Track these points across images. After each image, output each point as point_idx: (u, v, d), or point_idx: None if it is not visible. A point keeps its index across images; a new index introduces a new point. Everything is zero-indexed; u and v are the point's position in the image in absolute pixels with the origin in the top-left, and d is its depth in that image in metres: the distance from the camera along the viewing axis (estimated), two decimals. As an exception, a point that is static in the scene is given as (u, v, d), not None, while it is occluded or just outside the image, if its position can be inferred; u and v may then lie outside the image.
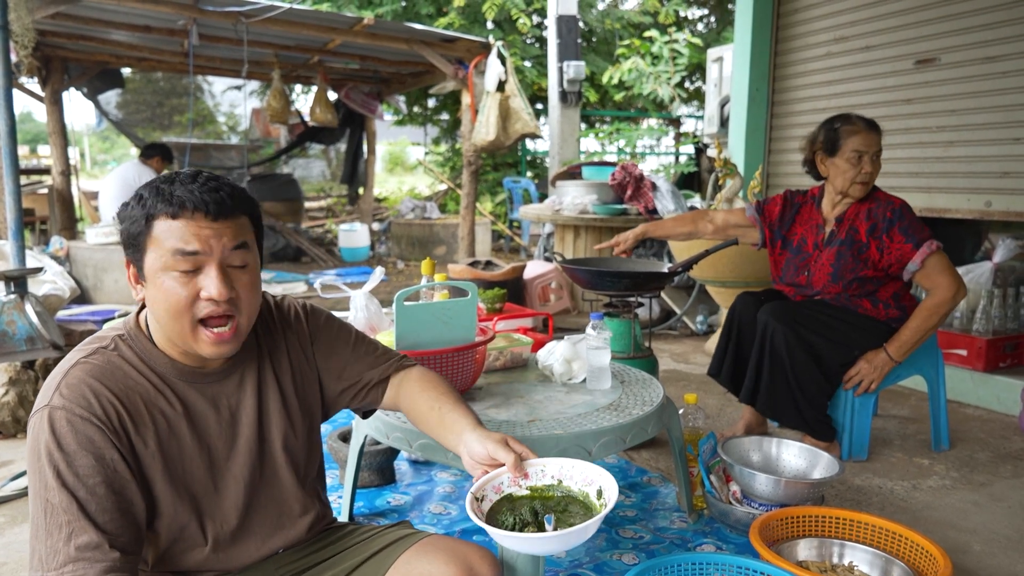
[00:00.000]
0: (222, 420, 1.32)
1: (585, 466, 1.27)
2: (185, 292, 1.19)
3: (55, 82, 7.40)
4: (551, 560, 2.07)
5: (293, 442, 1.41)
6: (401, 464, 2.78)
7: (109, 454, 1.17)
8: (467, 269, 4.97)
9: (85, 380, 1.19)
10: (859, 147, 2.71)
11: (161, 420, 1.25)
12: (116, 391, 1.21)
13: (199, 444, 1.29)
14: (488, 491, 1.28)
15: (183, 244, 1.17)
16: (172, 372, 1.28)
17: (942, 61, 4.07)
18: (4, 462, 2.84)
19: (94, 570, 1.09)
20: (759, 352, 2.75)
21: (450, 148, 13.84)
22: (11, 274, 3.10)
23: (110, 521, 1.13)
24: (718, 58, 6.78)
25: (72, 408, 1.16)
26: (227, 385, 1.34)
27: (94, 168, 22.73)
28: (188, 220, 1.18)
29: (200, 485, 1.29)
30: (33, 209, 8.76)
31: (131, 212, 1.22)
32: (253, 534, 1.37)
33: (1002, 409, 3.49)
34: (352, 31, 6.23)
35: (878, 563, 1.88)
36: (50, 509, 1.11)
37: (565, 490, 1.28)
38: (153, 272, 1.20)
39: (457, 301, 1.97)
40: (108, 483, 1.15)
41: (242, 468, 1.34)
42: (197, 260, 1.19)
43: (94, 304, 5.64)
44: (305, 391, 1.45)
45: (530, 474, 1.29)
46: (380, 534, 1.50)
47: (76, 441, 1.14)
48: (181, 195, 1.18)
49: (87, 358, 1.23)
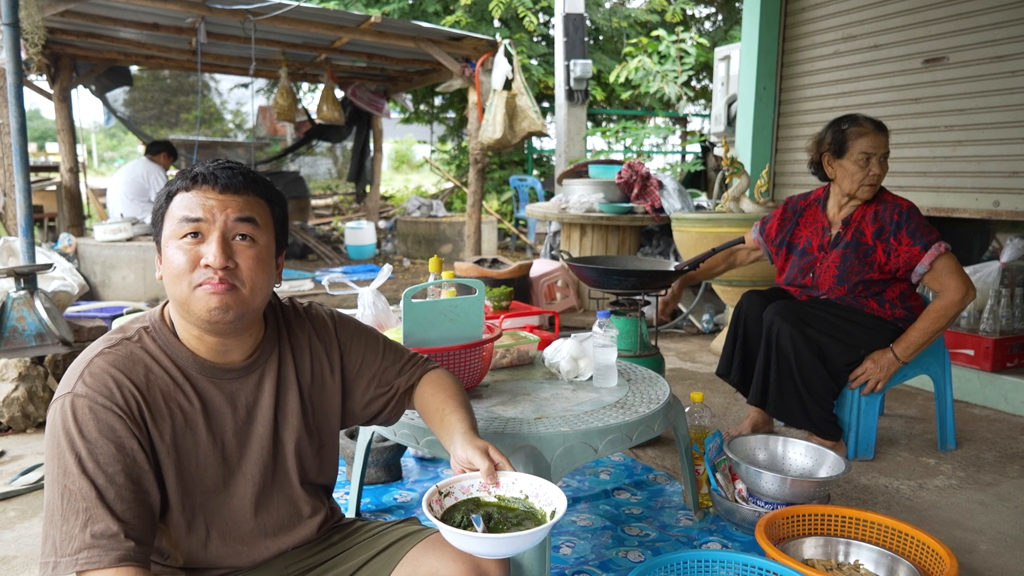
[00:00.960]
0: (238, 418, 1.33)
1: (551, 489, 1.30)
2: (187, 258, 1.21)
3: (64, 80, 7.44)
4: (557, 557, 2.08)
5: (306, 446, 1.42)
6: (408, 461, 2.79)
7: (129, 443, 1.18)
8: (473, 267, 4.98)
9: (108, 370, 1.21)
10: (867, 149, 2.71)
11: (179, 414, 1.26)
12: (137, 382, 1.22)
13: (213, 440, 1.30)
14: (456, 489, 1.32)
15: (188, 211, 1.21)
16: (193, 366, 1.28)
17: (950, 60, 4.06)
18: (15, 457, 2.86)
19: (109, 558, 1.10)
20: (766, 352, 2.75)
21: (456, 146, 13.85)
22: (21, 270, 3.12)
23: (127, 510, 1.14)
24: (725, 57, 6.77)
25: (95, 397, 1.17)
26: (246, 383, 1.34)
27: (101, 165, 22.82)
28: (197, 191, 1.23)
29: (211, 481, 1.30)
30: (42, 206, 8.81)
31: (159, 195, 1.28)
32: (262, 533, 1.38)
33: (1009, 409, 3.48)
34: (359, 29, 6.25)
35: (884, 562, 1.88)
36: (68, 495, 1.12)
37: (528, 505, 1.30)
38: (165, 242, 1.24)
39: (464, 298, 1.98)
40: (127, 472, 1.16)
41: (254, 467, 1.35)
42: (200, 227, 1.21)
43: (102, 301, 5.67)
44: (324, 397, 1.46)
45: (502, 484, 1.32)
46: (388, 530, 1.51)
47: (98, 429, 1.16)
48: (198, 171, 1.24)
49: (111, 348, 1.24)
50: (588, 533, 2.24)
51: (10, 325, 3.01)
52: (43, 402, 3.17)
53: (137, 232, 5.78)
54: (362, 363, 1.50)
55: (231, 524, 1.34)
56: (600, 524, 2.30)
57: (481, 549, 1.21)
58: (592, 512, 2.39)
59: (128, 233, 5.59)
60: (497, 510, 1.30)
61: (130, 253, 5.44)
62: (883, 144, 2.73)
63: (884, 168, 2.73)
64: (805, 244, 2.91)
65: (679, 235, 4.49)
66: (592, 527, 2.28)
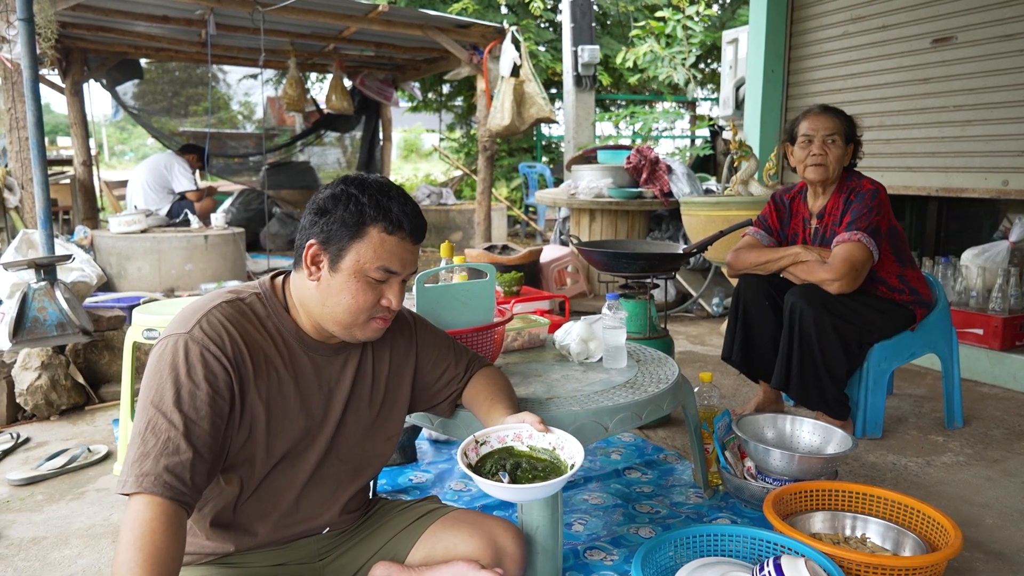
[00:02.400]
0: (322, 392, 1.43)
1: (575, 444, 1.42)
2: (372, 297, 1.35)
3: (75, 73, 7.49)
4: (569, 534, 2.13)
5: (368, 433, 1.51)
6: (422, 443, 2.84)
7: (225, 394, 1.27)
8: (484, 254, 5.02)
9: (223, 322, 1.30)
10: (807, 131, 2.78)
11: (274, 376, 1.35)
12: (247, 339, 1.32)
13: (301, 406, 1.39)
14: (492, 438, 1.45)
15: (390, 263, 1.34)
16: (294, 337, 1.39)
17: (959, 39, 4.05)
18: (40, 443, 2.94)
19: (169, 492, 1.16)
20: (788, 336, 2.73)
21: (465, 134, 13.84)
22: (41, 261, 3.18)
23: (200, 453, 1.22)
24: (733, 40, 6.74)
25: (207, 344, 1.27)
26: (334, 363, 1.45)
27: (112, 159, 22.94)
28: (400, 240, 1.34)
29: (292, 444, 1.39)
30: (56, 199, 8.89)
31: (340, 210, 1.32)
32: (307, 505, 1.45)
33: (1019, 388, 3.50)
34: (367, 18, 6.26)
35: (890, 535, 1.92)
36: (155, 422, 1.20)
37: (555, 457, 1.43)
38: (349, 271, 1.33)
39: (476, 282, 2.02)
40: (213, 419, 1.24)
41: (323, 441, 1.43)
42: (392, 276, 1.36)
43: (118, 291, 5.75)
44: (398, 388, 1.56)
45: (534, 436, 1.45)
46: (408, 508, 1.57)
47: (203, 372, 1.24)
48: (398, 214, 1.33)
49: (228, 303, 1.35)
50: (600, 511, 2.29)
51: (32, 315, 3.07)
52: (65, 390, 3.24)
53: (151, 224, 5.84)
54: (436, 359, 1.62)
55: (277, 490, 1.41)
56: (612, 502, 2.35)
57: (504, 496, 1.36)
58: (604, 491, 2.43)
59: (142, 225, 5.65)
60: (527, 460, 1.42)
61: (145, 244, 5.51)
62: (826, 126, 2.75)
63: (833, 150, 2.74)
64: (792, 236, 2.95)
65: (688, 219, 4.51)
66: (604, 505, 2.33)
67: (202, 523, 1.37)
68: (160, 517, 1.14)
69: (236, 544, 1.39)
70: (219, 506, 1.36)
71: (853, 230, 2.66)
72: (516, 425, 1.46)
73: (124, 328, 3.56)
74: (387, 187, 1.36)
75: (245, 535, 1.39)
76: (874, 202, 2.69)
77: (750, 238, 3.01)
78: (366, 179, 1.35)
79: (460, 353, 1.67)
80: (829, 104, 2.90)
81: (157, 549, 1.12)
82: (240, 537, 1.39)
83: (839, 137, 2.75)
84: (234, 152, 11.50)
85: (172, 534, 1.15)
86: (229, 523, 1.38)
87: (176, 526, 1.16)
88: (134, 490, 1.16)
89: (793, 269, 2.80)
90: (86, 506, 2.38)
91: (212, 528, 1.38)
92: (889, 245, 2.77)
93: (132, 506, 1.16)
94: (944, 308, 2.97)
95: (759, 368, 2.93)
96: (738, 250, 2.98)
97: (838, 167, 2.77)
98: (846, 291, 2.66)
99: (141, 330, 2.53)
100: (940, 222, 4.94)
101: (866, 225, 2.66)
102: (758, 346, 2.88)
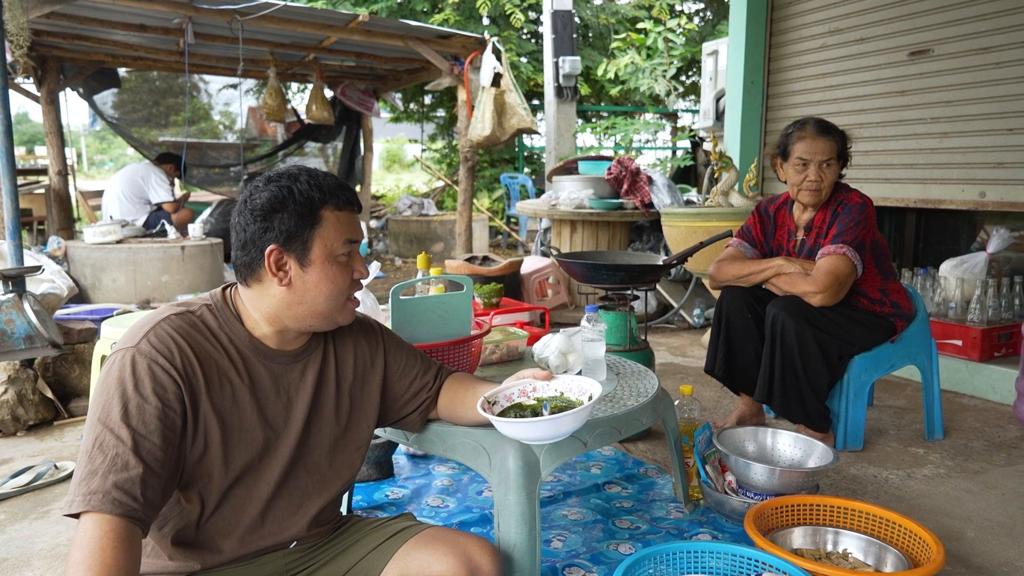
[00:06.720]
0: (280, 400, 1.39)
1: (583, 381, 1.47)
2: (347, 276, 1.36)
3: (51, 82, 7.40)
4: (548, 551, 2.09)
5: (334, 442, 1.47)
6: (399, 458, 2.79)
7: (175, 407, 1.23)
8: (464, 264, 4.98)
9: (172, 335, 1.27)
10: (803, 154, 2.72)
11: (228, 388, 1.32)
12: (197, 351, 1.28)
13: (259, 416, 1.35)
14: (500, 398, 1.48)
15: (352, 234, 1.36)
16: (248, 346, 1.36)
17: (936, 52, 4.08)
18: (4, 460, 2.85)
19: (118, 509, 1.12)
20: (770, 348, 2.72)
21: (447, 145, 13.84)
22: (9, 273, 3.11)
23: (151, 469, 1.17)
24: (713, 52, 6.78)
25: (156, 356, 1.23)
26: (292, 371, 1.41)
27: (91, 168, 22.71)
28: (349, 211, 1.36)
29: (253, 456, 1.35)
30: (31, 209, 8.76)
31: (289, 207, 1.31)
32: (272, 520, 1.40)
33: (997, 398, 3.51)
34: (347, 28, 6.23)
35: (872, 550, 1.90)
36: (103, 438, 1.16)
37: (565, 400, 1.46)
38: (321, 260, 1.33)
39: (453, 295, 1.98)
40: (163, 434, 1.20)
41: (286, 451, 1.39)
42: (352, 246, 1.37)
43: (92, 303, 5.65)
44: (364, 395, 1.53)
45: (538, 388, 1.49)
46: (382, 526, 1.52)
47: (151, 386, 1.21)
48: (335, 188, 1.35)
49: (178, 316, 1.31)
50: (579, 527, 2.25)
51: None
52: (33, 405, 3.16)
53: (127, 234, 5.76)
54: (404, 367, 1.59)
55: (240, 505, 1.36)
56: (591, 518, 2.31)
57: (535, 432, 1.41)
58: (583, 506, 2.40)
59: (118, 235, 5.57)
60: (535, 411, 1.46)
61: (120, 255, 5.42)
62: (823, 150, 2.70)
63: (830, 173, 2.72)
64: (777, 247, 2.93)
65: (669, 230, 4.50)
66: (583, 520, 2.29)
67: (163, 542, 1.33)
68: (110, 535, 1.09)
69: (201, 562, 1.34)
70: (181, 524, 1.31)
71: (838, 243, 2.65)
72: (519, 382, 1.49)
73: (95, 341, 3.49)
74: (309, 171, 1.36)
75: (210, 552, 1.35)
76: (861, 216, 2.69)
77: (733, 250, 3.00)
78: (283, 172, 1.34)
79: (428, 363, 1.65)
80: (820, 118, 2.82)
81: (108, 568, 1.07)
82: (205, 555, 1.34)
83: (834, 160, 2.73)
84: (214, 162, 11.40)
85: (123, 551, 1.10)
86: (192, 541, 1.34)
87: (128, 543, 1.11)
88: (82, 509, 1.11)
89: (776, 281, 2.79)
90: (50, 525, 2.31)
91: (175, 547, 1.33)
92: (873, 258, 2.77)
93: (81, 525, 1.11)
94: (924, 320, 2.97)
95: (742, 381, 2.91)
96: (720, 262, 2.96)
97: (831, 188, 2.77)
98: (828, 304, 2.65)
99: (110, 343, 2.47)
100: (918, 233, 4.97)
101: (852, 239, 2.65)
102: (740, 358, 2.86)
